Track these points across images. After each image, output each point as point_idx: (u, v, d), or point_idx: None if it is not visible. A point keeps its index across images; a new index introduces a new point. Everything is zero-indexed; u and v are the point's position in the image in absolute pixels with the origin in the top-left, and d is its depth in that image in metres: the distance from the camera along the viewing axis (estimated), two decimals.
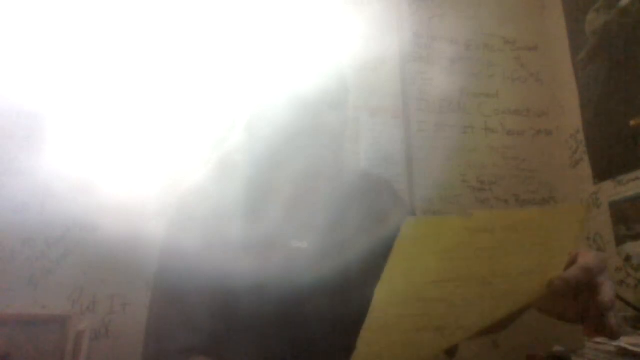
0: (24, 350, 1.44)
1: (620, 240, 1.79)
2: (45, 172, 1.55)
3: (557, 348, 1.42)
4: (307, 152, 0.77)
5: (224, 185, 0.81)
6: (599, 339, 1.00)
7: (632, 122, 1.77)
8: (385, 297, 0.45)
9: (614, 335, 0.51)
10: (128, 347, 1.51)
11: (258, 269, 0.71)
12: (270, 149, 0.79)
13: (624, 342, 0.80)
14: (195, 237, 0.74)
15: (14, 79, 1.64)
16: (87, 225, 1.58)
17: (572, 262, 0.54)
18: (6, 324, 1.45)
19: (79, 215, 1.55)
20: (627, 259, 1.75)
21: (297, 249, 0.74)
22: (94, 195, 1.54)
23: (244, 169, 0.81)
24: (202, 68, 1.83)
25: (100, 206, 1.54)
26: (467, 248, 0.46)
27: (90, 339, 1.50)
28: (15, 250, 1.52)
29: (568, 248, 0.53)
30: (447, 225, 0.45)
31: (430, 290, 0.47)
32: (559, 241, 0.51)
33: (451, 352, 0.64)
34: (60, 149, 1.60)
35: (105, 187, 1.56)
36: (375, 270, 0.76)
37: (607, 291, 0.51)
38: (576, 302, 0.53)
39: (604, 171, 1.91)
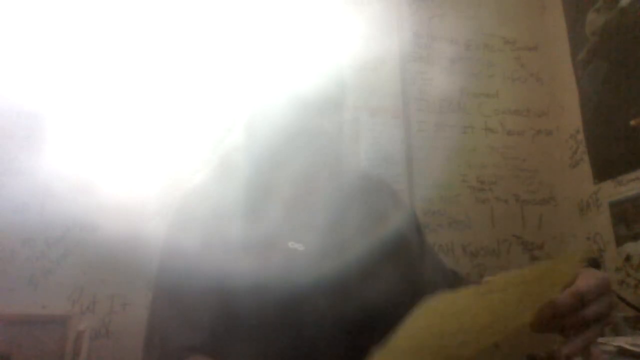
0: (24, 350, 1.44)
1: (620, 240, 1.79)
2: (45, 172, 1.55)
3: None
4: (306, 153, 0.77)
5: (224, 185, 0.81)
6: (598, 339, 1.00)
7: (632, 122, 1.77)
8: (388, 355, 0.45)
9: None
10: (128, 347, 1.51)
11: (257, 269, 0.71)
12: (269, 149, 0.79)
13: (624, 342, 0.80)
14: (195, 237, 0.74)
15: (14, 79, 1.64)
16: (87, 225, 1.58)
17: (571, 284, 0.52)
18: (6, 324, 1.45)
19: (79, 215, 1.55)
20: (627, 259, 1.75)
21: (294, 251, 0.74)
22: (94, 195, 1.54)
23: (244, 169, 0.81)
24: (202, 68, 1.83)
25: (100, 206, 1.54)
26: (477, 307, 0.47)
27: (90, 339, 1.50)
28: (15, 250, 1.52)
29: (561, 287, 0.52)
30: (464, 297, 0.46)
31: (434, 346, 0.47)
32: (557, 287, 0.50)
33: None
34: (60, 149, 1.60)
35: (105, 187, 1.56)
36: (374, 271, 0.76)
37: (586, 335, 0.50)
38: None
39: (604, 171, 1.91)
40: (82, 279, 1.55)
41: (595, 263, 1.92)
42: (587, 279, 0.52)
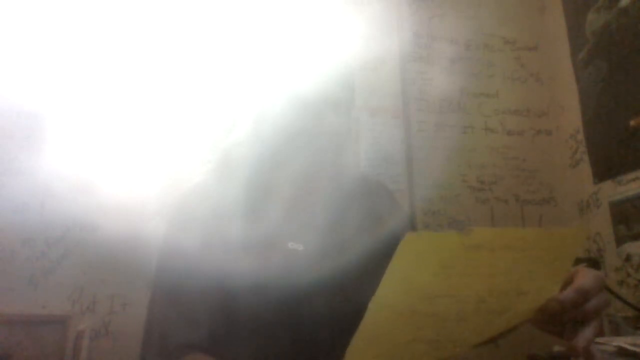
0: (24, 350, 1.44)
1: (620, 240, 1.79)
2: (45, 172, 1.55)
3: (557, 348, 1.42)
4: (306, 153, 0.77)
5: (224, 185, 0.81)
6: (598, 339, 1.00)
7: (632, 122, 1.77)
8: (379, 309, 0.45)
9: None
10: (128, 347, 1.51)
11: (257, 269, 0.71)
12: (270, 149, 0.79)
13: (624, 342, 0.80)
14: (194, 237, 0.74)
15: (14, 79, 1.64)
16: (87, 225, 1.58)
17: (569, 281, 0.54)
18: (6, 324, 1.45)
19: (79, 215, 1.55)
20: (627, 259, 1.75)
21: (294, 251, 0.75)
22: (94, 195, 1.54)
23: (244, 169, 0.81)
24: (202, 68, 1.83)
25: (100, 206, 1.54)
26: (465, 265, 0.46)
27: (90, 339, 1.50)
28: (15, 250, 1.52)
29: (565, 270, 0.53)
30: (446, 241, 0.45)
31: (425, 305, 0.47)
32: (557, 262, 0.51)
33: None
34: (60, 149, 1.60)
35: (105, 187, 1.56)
36: (373, 272, 0.76)
37: (591, 328, 0.51)
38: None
39: (604, 171, 1.91)
40: (82, 279, 1.55)
41: (595, 263, 1.92)
42: (586, 276, 0.53)
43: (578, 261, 0.59)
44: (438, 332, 0.50)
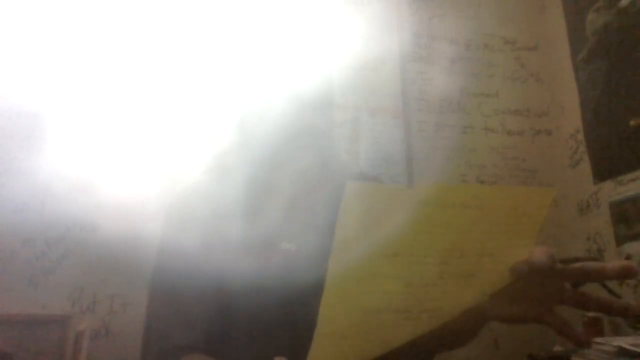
0: (24, 350, 1.44)
1: (620, 240, 1.79)
2: (45, 172, 1.55)
3: (557, 348, 1.42)
4: (301, 152, 0.77)
5: (223, 185, 0.81)
6: (599, 339, 1.00)
7: (632, 122, 1.77)
8: (338, 268, 0.43)
9: (579, 340, 0.50)
10: (128, 347, 1.51)
11: (254, 269, 0.71)
12: (264, 149, 0.79)
13: (624, 342, 0.80)
14: (193, 237, 0.74)
15: (14, 79, 1.64)
16: (87, 225, 1.58)
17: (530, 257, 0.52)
18: (6, 324, 1.45)
19: (79, 215, 1.55)
20: (627, 259, 1.75)
21: (287, 251, 0.75)
22: (94, 195, 1.54)
23: (239, 170, 0.81)
24: (200, 68, 1.83)
25: (100, 206, 1.54)
26: (419, 222, 0.43)
27: (90, 339, 1.50)
28: (15, 250, 1.52)
29: (532, 234, 0.50)
30: (394, 195, 0.42)
31: (384, 265, 0.44)
32: (522, 224, 0.48)
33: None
34: (60, 149, 1.60)
35: (105, 187, 1.56)
36: None
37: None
38: (537, 293, 0.52)
39: (604, 171, 1.91)
40: (82, 279, 1.55)
41: None
42: (547, 248, 0.51)
43: (578, 261, 0.58)
44: (405, 299, 0.47)
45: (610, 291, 1.38)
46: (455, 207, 0.44)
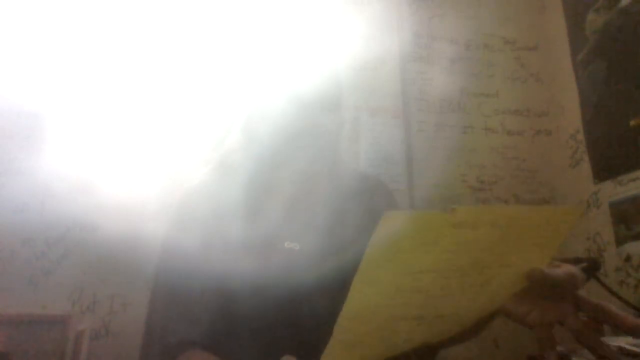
0: (24, 350, 1.44)
1: (620, 240, 1.79)
2: (45, 172, 1.55)
3: (558, 348, 1.42)
4: (304, 153, 0.77)
5: (224, 185, 0.81)
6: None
7: (632, 122, 1.77)
8: (363, 287, 0.45)
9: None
10: (128, 347, 1.51)
11: (255, 268, 0.72)
12: (267, 149, 0.79)
13: (624, 342, 0.80)
14: (195, 237, 0.74)
15: (14, 79, 1.64)
16: (87, 225, 1.58)
17: (555, 267, 0.53)
18: (6, 324, 1.45)
19: (79, 215, 1.55)
20: (627, 259, 1.75)
21: (290, 250, 0.75)
22: (94, 195, 1.54)
23: (243, 170, 0.81)
24: (201, 68, 1.83)
25: (100, 206, 1.54)
26: (449, 242, 0.45)
27: (90, 339, 1.50)
28: (15, 250, 1.52)
29: (554, 246, 0.52)
30: (429, 219, 0.44)
31: (409, 281, 0.46)
32: (546, 239, 0.50)
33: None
34: (60, 149, 1.60)
35: (105, 187, 1.56)
36: None
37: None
38: (542, 306, 0.53)
39: (604, 171, 1.91)
40: (82, 279, 1.55)
41: (595, 263, 1.92)
42: (574, 268, 0.53)
43: (578, 261, 0.58)
44: (423, 307, 0.49)
45: (611, 291, 1.38)
46: (485, 227, 0.45)
